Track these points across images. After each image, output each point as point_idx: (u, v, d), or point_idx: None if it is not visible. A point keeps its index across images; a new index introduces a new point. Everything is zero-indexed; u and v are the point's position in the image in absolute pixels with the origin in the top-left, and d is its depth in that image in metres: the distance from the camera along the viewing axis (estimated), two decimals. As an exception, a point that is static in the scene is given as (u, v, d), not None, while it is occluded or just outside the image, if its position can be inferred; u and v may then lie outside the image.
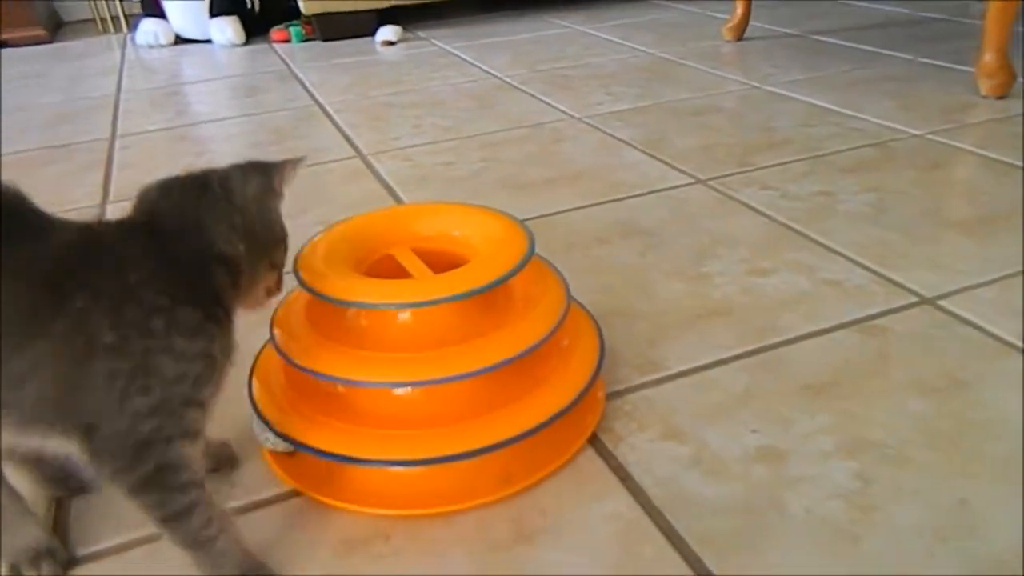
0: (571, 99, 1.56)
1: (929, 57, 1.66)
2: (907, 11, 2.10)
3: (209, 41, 2.37)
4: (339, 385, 0.61)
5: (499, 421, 0.58)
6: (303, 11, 2.22)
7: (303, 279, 0.60)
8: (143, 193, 0.51)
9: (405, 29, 2.31)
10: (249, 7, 2.37)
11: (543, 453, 0.61)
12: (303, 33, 2.31)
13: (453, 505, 0.58)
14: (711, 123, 1.36)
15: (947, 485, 0.57)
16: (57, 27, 2.88)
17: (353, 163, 1.29)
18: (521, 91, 1.64)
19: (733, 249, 0.93)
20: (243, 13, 2.34)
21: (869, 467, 0.59)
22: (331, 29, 2.27)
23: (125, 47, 2.46)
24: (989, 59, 1.35)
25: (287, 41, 2.32)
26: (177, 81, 1.97)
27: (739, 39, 1.93)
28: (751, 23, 1.96)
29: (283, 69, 2.00)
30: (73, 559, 0.56)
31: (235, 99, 1.75)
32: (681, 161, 1.20)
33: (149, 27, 2.38)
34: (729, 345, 0.75)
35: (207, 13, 2.31)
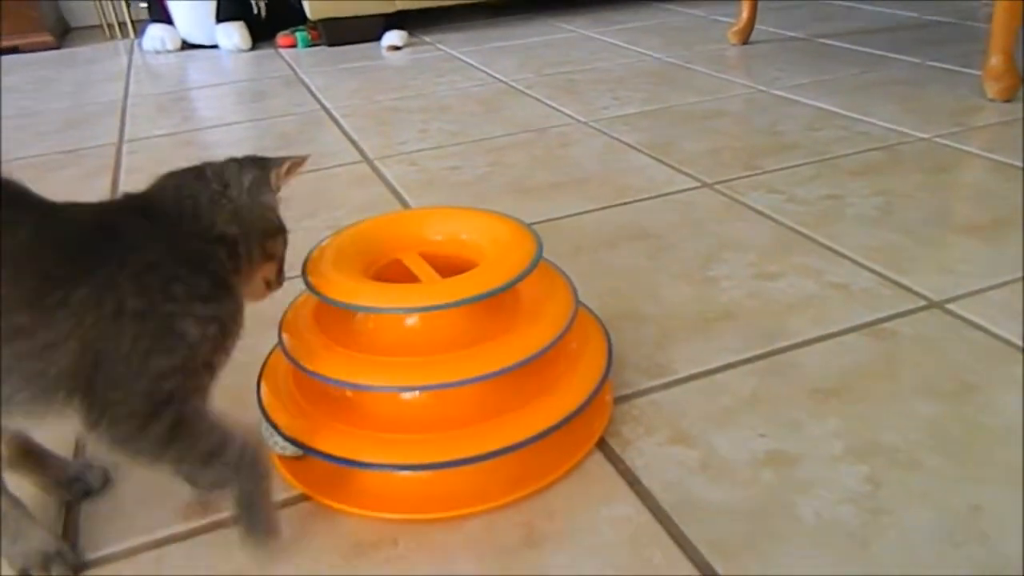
0: (577, 103, 1.56)
1: (936, 60, 1.66)
2: (914, 14, 2.10)
3: (216, 46, 2.38)
4: (347, 389, 0.61)
5: (507, 425, 0.58)
6: (309, 16, 2.22)
7: (311, 283, 0.60)
8: (152, 184, 0.55)
9: (411, 34, 2.32)
10: (255, 12, 2.37)
11: (551, 457, 0.61)
12: (309, 38, 2.31)
13: (461, 509, 0.58)
14: (718, 127, 1.36)
15: (958, 489, 0.57)
16: (65, 33, 2.89)
17: (360, 168, 1.30)
18: (527, 95, 1.65)
19: (740, 253, 0.92)
20: (249, 19, 2.35)
21: (879, 471, 0.59)
22: (337, 34, 2.27)
23: (132, 52, 2.47)
24: (995, 62, 1.35)
25: (293, 46, 2.33)
26: (184, 86, 1.98)
27: (745, 43, 1.93)
28: (757, 27, 1.96)
29: (289, 74, 2.01)
30: (83, 563, 0.56)
31: (241, 104, 1.76)
32: (688, 165, 1.20)
33: (156, 33, 2.39)
34: (737, 349, 0.75)
35: (214, 19, 2.33)
